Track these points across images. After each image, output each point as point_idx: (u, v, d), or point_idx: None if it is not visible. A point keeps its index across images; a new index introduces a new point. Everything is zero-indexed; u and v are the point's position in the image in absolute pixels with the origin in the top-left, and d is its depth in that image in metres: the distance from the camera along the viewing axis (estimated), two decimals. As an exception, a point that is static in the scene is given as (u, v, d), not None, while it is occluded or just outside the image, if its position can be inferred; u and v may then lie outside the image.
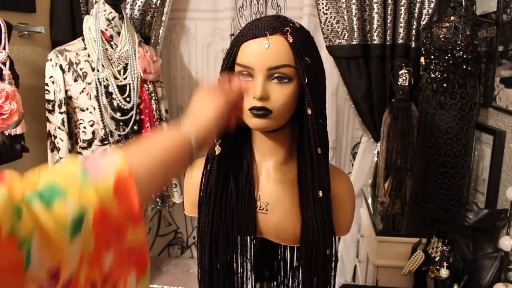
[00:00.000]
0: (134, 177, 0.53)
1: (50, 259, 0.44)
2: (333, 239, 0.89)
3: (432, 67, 1.50)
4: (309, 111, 0.80)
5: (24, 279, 0.42)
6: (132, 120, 1.70)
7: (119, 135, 1.70)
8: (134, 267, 0.55)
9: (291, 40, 0.77)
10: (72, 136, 1.71)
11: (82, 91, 1.64)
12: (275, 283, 1.00)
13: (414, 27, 1.84)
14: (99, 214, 0.49)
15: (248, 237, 0.88)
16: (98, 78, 1.62)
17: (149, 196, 0.58)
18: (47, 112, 1.67)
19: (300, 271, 0.91)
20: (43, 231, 0.44)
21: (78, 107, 1.67)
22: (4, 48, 1.47)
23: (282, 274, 1.00)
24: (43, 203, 0.45)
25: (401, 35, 1.84)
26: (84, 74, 1.64)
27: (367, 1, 1.85)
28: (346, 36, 1.92)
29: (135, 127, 1.73)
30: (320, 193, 0.84)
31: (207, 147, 0.71)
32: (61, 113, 1.64)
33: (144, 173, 0.55)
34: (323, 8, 1.91)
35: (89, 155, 0.55)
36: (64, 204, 0.47)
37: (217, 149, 0.85)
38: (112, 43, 1.69)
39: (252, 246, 0.89)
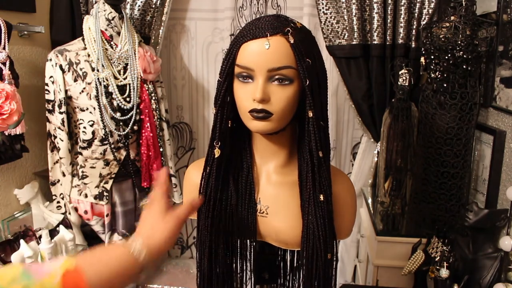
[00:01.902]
0: (82, 272, 0.53)
1: None
2: (334, 243, 0.88)
3: (432, 67, 1.50)
4: (310, 114, 0.79)
5: None
6: (132, 120, 1.70)
7: (119, 135, 1.69)
8: None
9: (292, 41, 0.76)
10: (72, 136, 1.71)
11: (82, 91, 1.64)
12: (275, 285, 0.99)
13: (414, 27, 1.84)
14: None
15: (248, 241, 0.87)
16: (98, 78, 1.62)
17: None
18: (47, 112, 1.67)
19: (300, 274, 0.90)
20: None
21: (78, 107, 1.66)
22: (4, 48, 1.46)
23: (282, 277, 0.99)
24: None
25: (401, 35, 1.84)
26: (84, 74, 1.64)
27: (367, 1, 1.85)
28: (346, 36, 1.91)
29: (135, 127, 1.72)
30: (321, 197, 0.83)
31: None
32: (61, 113, 1.64)
33: (92, 271, 0.56)
34: (323, 8, 1.91)
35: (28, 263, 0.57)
36: None
37: (217, 152, 0.84)
38: (112, 43, 1.68)
39: (252, 250, 0.88)
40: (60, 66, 1.62)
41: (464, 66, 1.42)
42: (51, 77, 1.64)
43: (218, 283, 0.88)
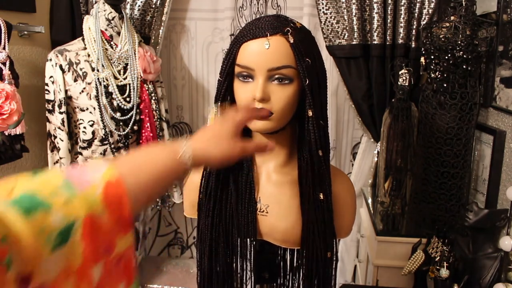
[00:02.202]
0: (123, 183, 0.51)
1: (20, 266, 0.42)
2: (334, 242, 0.88)
3: (432, 67, 1.50)
4: (310, 113, 0.80)
5: (4, 280, 0.40)
6: (132, 120, 1.70)
7: (119, 135, 1.69)
8: (122, 277, 0.53)
9: (291, 41, 0.76)
10: (72, 136, 1.71)
11: (82, 91, 1.64)
12: (275, 284, 0.99)
13: (414, 27, 1.84)
14: (89, 226, 0.47)
15: (248, 239, 0.87)
16: (98, 78, 1.62)
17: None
18: (47, 112, 1.67)
19: (300, 273, 0.91)
20: (16, 240, 0.42)
21: (78, 107, 1.66)
22: (4, 48, 1.46)
23: (282, 276, 0.99)
24: (21, 212, 0.43)
25: (401, 35, 1.84)
26: (84, 74, 1.64)
27: (367, 1, 1.85)
28: (346, 36, 1.92)
29: (135, 127, 1.73)
30: (321, 196, 0.83)
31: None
32: (61, 113, 1.64)
33: (134, 181, 0.53)
34: (323, 8, 1.91)
35: (70, 166, 0.53)
36: (47, 215, 0.45)
37: None
38: (112, 43, 1.68)
39: (252, 248, 0.88)
40: (60, 66, 1.62)
41: (464, 66, 1.42)
42: (51, 77, 1.64)
43: (218, 282, 0.88)
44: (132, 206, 0.51)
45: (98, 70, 1.62)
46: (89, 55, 1.65)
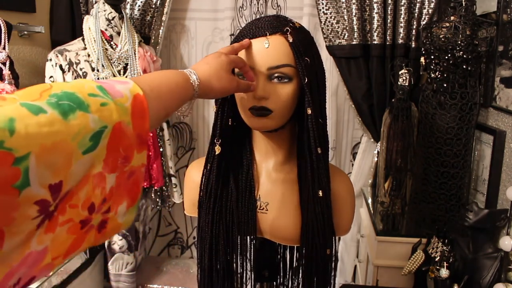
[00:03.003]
0: (146, 100, 0.52)
1: (52, 176, 0.40)
2: (333, 239, 0.88)
3: (432, 67, 1.50)
4: (309, 111, 0.80)
5: (17, 202, 0.38)
6: (132, 120, 1.70)
7: (119, 135, 1.69)
8: (128, 195, 0.53)
9: (291, 40, 0.77)
10: (72, 136, 1.71)
11: (82, 91, 1.64)
12: (275, 283, 1.00)
13: (414, 27, 1.84)
14: (117, 133, 0.47)
15: (248, 237, 0.88)
16: (98, 78, 1.62)
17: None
18: (47, 112, 1.67)
19: (300, 271, 0.91)
20: (51, 145, 0.39)
21: (78, 107, 1.66)
22: (4, 48, 1.47)
23: (282, 274, 0.99)
24: (60, 114, 0.41)
25: (401, 35, 1.84)
26: (84, 74, 1.64)
27: (367, 1, 1.85)
28: (346, 36, 1.92)
29: (135, 127, 1.73)
30: (320, 193, 0.84)
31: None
32: (61, 113, 1.64)
33: (152, 98, 0.55)
34: (323, 8, 1.91)
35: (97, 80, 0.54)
36: (85, 118, 0.43)
37: (217, 149, 0.85)
38: (112, 43, 1.69)
39: (252, 246, 0.88)
40: (60, 66, 1.62)
41: (464, 66, 1.42)
42: (51, 77, 1.64)
43: (218, 280, 0.88)
44: (150, 123, 0.53)
45: (98, 70, 1.62)
46: (89, 55, 1.66)
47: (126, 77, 1.69)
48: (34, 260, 0.43)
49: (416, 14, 1.83)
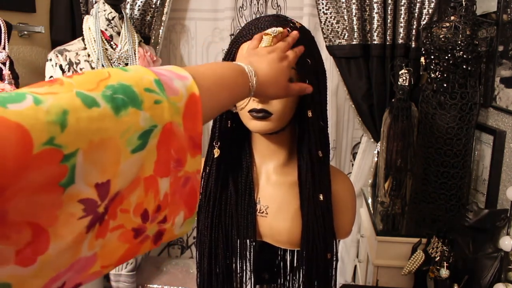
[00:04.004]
0: (201, 102, 0.48)
1: (100, 174, 0.38)
2: (334, 243, 0.88)
3: (432, 67, 1.50)
4: (310, 114, 0.80)
5: (60, 200, 0.36)
6: (132, 120, 1.70)
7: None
8: (185, 205, 0.50)
9: None
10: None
11: (82, 91, 1.64)
12: (274, 285, 0.99)
13: (414, 27, 1.84)
14: (167, 133, 0.44)
15: (248, 241, 0.87)
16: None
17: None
18: (47, 112, 1.67)
19: (300, 274, 0.91)
20: (99, 142, 0.38)
21: (78, 107, 1.66)
22: (4, 48, 1.46)
23: (282, 277, 0.99)
24: (112, 109, 0.39)
25: (401, 35, 1.84)
26: (84, 74, 1.64)
27: (367, 1, 1.85)
28: (346, 36, 1.92)
29: (135, 127, 1.72)
30: (321, 197, 0.83)
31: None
32: (61, 113, 1.64)
33: (207, 98, 0.52)
34: (323, 8, 1.91)
35: (157, 68, 0.50)
36: (137, 115, 0.41)
37: (216, 152, 0.84)
38: (112, 43, 1.69)
39: (252, 250, 0.88)
40: (60, 66, 1.62)
41: (464, 66, 1.42)
42: (51, 77, 1.64)
43: (218, 283, 0.88)
44: (202, 126, 0.50)
45: (98, 70, 1.62)
46: (89, 55, 1.65)
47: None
48: (82, 266, 0.41)
49: (416, 14, 1.83)
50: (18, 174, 0.33)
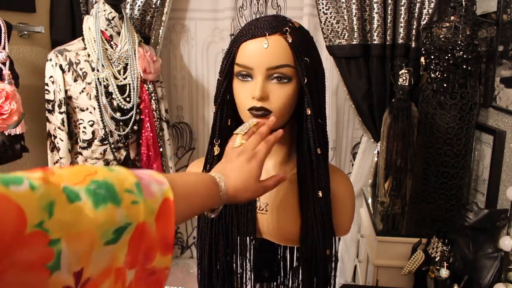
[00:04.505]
0: (174, 207, 0.53)
1: (77, 263, 0.42)
2: (333, 240, 0.88)
3: (432, 67, 1.50)
4: (309, 111, 0.80)
5: (47, 283, 0.39)
6: (132, 120, 1.70)
7: (119, 135, 1.70)
8: None
9: (290, 40, 0.77)
10: (72, 136, 1.71)
11: (82, 91, 1.64)
12: (274, 283, 1.00)
13: (414, 27, 1.84)
14: (139, 231, 0.48)
15: (248, 238, 0.88)
16: (98, 78, 1.62)
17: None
18: (47, 112, 1.67)
19: (300, 271, 0.91)
20: (77, 233, 0.42)
21: (78, 107, 1.66)
22: (4, 48, 1.46)
23: (282, 274, 0.99)
24: (92, 203, 0.43)
25: (401, 35, 1.84)
26: (84, 74, 1.64)
27: (367, 1, 1.85)
28: (346, 36, 1.92)
29: (135, 127, 1.73)
30: (320, 193, 0.84)
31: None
32: (61, 113, 1.64)
33: (181, 204, 0.56)
34: (323, 8, 1.91)
35: (139, 171, 0.56)
36: (114, 211, 0.45)
37: (216, 150, 0.85)
38: (112, 43, 1.69)
39: (252, 247, 0.88)
40: (60, 66, 1.62)
41: (464, 66, 1.42)
42: (51, 77, 1.64)
43: (218, 280, 0.88)
44: (174, 228, 0.54)
45: (98, 70, 1.62)
46: (89, 55, 1.66)
47: (126, 78, 1.69)
48: None
49: (416, 14, 1.83)
50: (12, 249, 0.36)
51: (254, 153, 0.71)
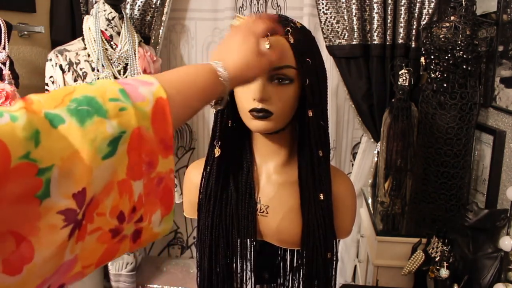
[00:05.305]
0: (169, 105, 0.51)
1: (75, 185, 0.41)
2: (334, 242, 0.88)
3: (432, 67, 1.50)
4: (310, 113, 0.80)
5: (38, 212, 0.39)
6: (132, 120, 1.70)
7: (119, 135, 1.69)
8: (161, 203, 0.52)
9: (292, 41, 0.76)
10: (72, 136, 1.71)
11: (82, 91, 1.64)
12: (275, 285, 0.99)
13: (414, 27, 1.84)
14: (136, 138, 0.47)
15: (248, 240, 0.87)
16: (98, 78, 1.62)
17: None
18: (47, 112, 1.67)
19: (301, 273, 0.91)
20: (70, 155, 0.40)
21: (78, 107, 1.66)
22: (4, 48, 1.46)
23: (282, 276, 0.99)
24: (77, 122, 0.42)
25: (401, 35, 1.84)
26: (84, 74, 1.64)
27: (367, 1, 1.85)
28: (346, 36, 1.92)
29: (135, 127, 1.72)
30: (321, 196, 0.83)
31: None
32: (61, 113, 1.64)
33: (177, 101, 0.53)
34: (323, 8, 1.91)
35: (123, 79, 0.54)
36: (102, 123, 0.43)
37: (217, 151, 0.84)
38: (112, 43, 1.69)
39: (252, 249, 0.88)
40: (60, 66, 1.62)
41: (464, 66, 1.42)
42: (51, 77, 1.64)
43: (218, 282, 0.88)
44: (173, 128, 0.52)
45: (98, 70, 1.62)
46: (89, 55, 1.65)
47: (126, 78, 1.69)
48: (65, 268, 0.44)
49: (416, 14, 1.83)
50: None
51: (250, 30, 0.68)
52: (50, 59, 1.63)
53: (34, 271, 0.40)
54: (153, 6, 1.97)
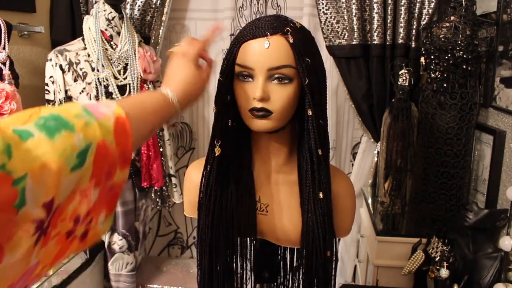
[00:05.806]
0: (128, 121, 0.55)
1: (45, 194, 0.44)
2: (334, 241, 0.88)
3: (432, 67, 1.50)
4: (310, 112, 0.80)
5: (15, 220, 0.41)
6: (132, 120, 1.70)
7: (119, 135, 1.70)
8: (106, 206, 0.56)
9: (291, 40, 0.77)
10: (72, 136, 1.71)
11: (82, 91, 1.64)
12: (275, 284, 0.99)
13: (414, 27, 1.84)
14: (101, 150, 0.50)
15: (248, 239, 0.88)
16: (98, 78, 1.62)
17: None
18: (47, 112, 1.67)
19: (300, 272, 0.91)
20: (40, 166, 0.43)
21: (78, 107, 1.67)
22: (4, 48, 1.46)
23: (282, 275, 0.99)
24: (46, 135, 0.45)
25: (401, 35, 1.84)
26: (84, 74, 1.64)
27: (367, 1, 1.85)
28: (346, 36, 1.92)
29: (135, 127, 1.73)
30: (321, 195, 0.83)
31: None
32: (61, 113, 1.64)
33: (135, 119, 0.59)
34: (323, 8, 1.91)
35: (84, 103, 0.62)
36: (71, 135, 0.47)
37: (217, 150, 0.84)
38: (112, 43, 1.69)
39: (252, 248, 0.88)
40: (60, 66, 1.62)
41: (464, 66, 1.42)
42: (51, 77, 1.64)
43: (218, 281, 0.88)
44: (133, 143, 0.56)
45: (98, 70, 1.62)
46: (89, 55, 1.66)
47: (126, 78, 1.70)
48: (30, 273, 0.47)
49: (416, 14, 1.83)
50: None
51: (185, 54, 0.78)
52: (50, 59, 1.63)
53: (2, 275, 0.42)
54: (153, 6, 1.97)
